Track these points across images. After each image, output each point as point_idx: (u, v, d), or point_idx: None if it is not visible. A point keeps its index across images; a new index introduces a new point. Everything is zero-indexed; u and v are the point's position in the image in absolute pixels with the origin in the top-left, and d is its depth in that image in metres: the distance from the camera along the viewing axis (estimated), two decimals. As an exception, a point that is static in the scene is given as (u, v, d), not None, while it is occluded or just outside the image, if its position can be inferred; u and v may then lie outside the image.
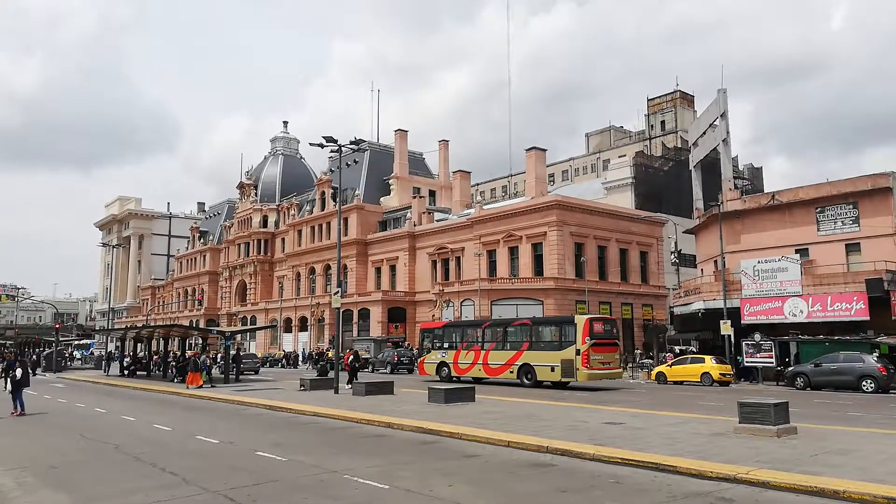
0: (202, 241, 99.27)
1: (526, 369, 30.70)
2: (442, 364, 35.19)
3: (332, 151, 29.42)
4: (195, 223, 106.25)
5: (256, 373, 43.25)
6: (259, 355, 58.47)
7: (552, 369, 29.40)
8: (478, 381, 31.87)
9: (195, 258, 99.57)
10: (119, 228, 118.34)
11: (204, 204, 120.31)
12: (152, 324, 74.61)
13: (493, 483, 10.18)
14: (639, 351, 50.49)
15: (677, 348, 41.90)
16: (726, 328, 35.04)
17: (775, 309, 35.44)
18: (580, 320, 29.69)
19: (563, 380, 29.32)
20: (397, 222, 68.83)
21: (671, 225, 52.48)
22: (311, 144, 29.48)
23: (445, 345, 35.99)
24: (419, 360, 38.82)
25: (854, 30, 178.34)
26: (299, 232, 78.08)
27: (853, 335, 32.15)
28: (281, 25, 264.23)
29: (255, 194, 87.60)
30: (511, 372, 31.29)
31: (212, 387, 29.76)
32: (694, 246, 51.80)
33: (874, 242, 35.30)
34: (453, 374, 34.26)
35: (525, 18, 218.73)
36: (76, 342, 76.10)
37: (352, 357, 32.07)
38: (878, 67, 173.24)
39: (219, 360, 38.50)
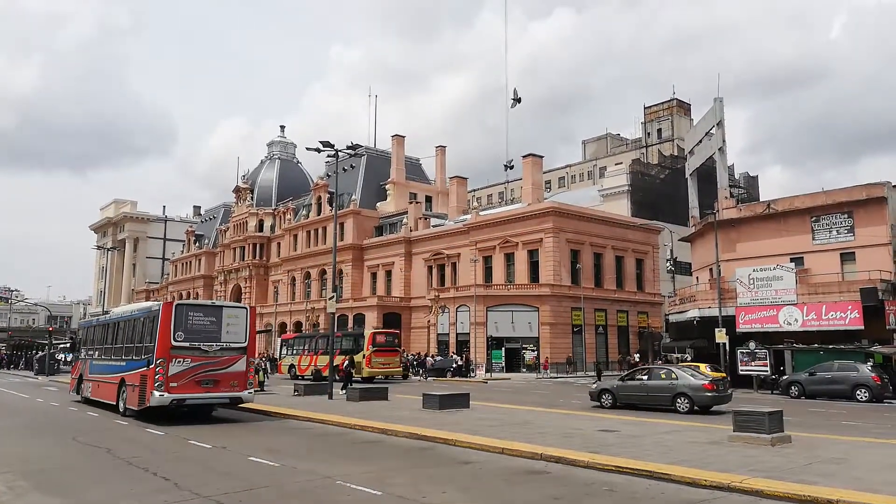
0: (197, 244, 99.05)
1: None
2: (291, 366, 43.96)
3: (328, 156, 29.38)
4: (191, 227, 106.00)
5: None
6: (254, 360, 58.29)
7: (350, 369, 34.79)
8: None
9: (190, 262, 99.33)
10: (114, 231, 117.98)
11: (200, 207, 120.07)
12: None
13: (486, 490, 10.15)
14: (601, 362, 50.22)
15: (674, 356, 41.90)
16: (721, 336, 35.05)
17: (770, 317, 35.50)
18: (367, 333, 40.12)
19: (354, 375, 33.15)
20: (393, 227, 68.82)
21: (667, 233, 52.59)
22: (307, 149, 29.44)
23: (294, 351, 44.97)
24: (278, 362, 47.93)
25: (852, 40, 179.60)
26: (295, 236, 77.99)
27: (847, 344, 32.21)
28: (279, 30, 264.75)
29: (252, 198, 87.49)
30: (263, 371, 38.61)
31: (261, 391, 29.43)
32: (689, 254, 51.92)
33: (869, 252, 35.40)
34: (297, 373, 42.89)
35: (523, 24, 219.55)
36: (61, 345, 75.61)
37: (347, 363, 32.04)
38: (875, 77, 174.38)
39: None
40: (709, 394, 21.81)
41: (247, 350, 19.44)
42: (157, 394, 17.66)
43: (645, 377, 23.75)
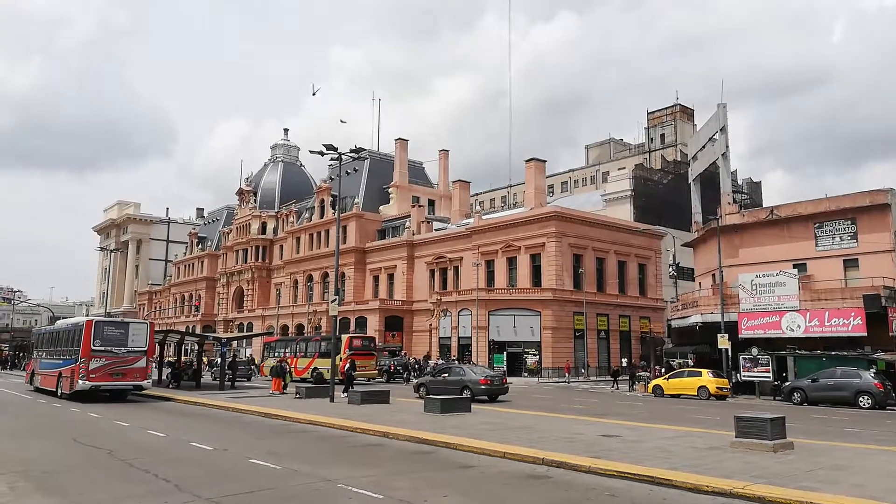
0: (200, 246, 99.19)
1: (316, 371, 40.47)
2: (272, 367, 43.57)
3: (331, 159, 29.44)
4: (193, 229, 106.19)
5: (249, 380, 43.20)
6: (257, 362, 58.41)
7: (327, 371, 36.29)
8: (293, 380, 39.71)
9: (193, 264, 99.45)
10: (117, 233, 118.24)
11: (203, 210, 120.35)
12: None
13: (487, 494, 10.14)
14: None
15: (675, 362, 41.79)
16: (724, 342, 34.98)
17: (773, 323, 35.41)
18: (343, 337, 40.86)
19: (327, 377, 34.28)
20: (396, 231, 68.84)
21: (670, 238, 52.52)
22: (311, 152, 29.47)
23: (275, 354, 46.04)
24: (261, 364, 49.57)
25: (854, 44, 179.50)
26: (297, 239, 78.05)
27: (850, 351, 32.11)
28: (281, 32, 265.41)
29: (255, 201, 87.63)
30: (309, 373, 41.06)
31: (284, 392, 29.93)
32: (692, 259, 51.85)
33: (872, 258, 35.31)
34: None
35: (525, 27, 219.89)
36: None
37: (348, 365, 32.06)
38: (878, 82, 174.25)
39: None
40: (482, 387, 27.93)
41: (146, 353, 26.67)
42: (80, 382, 24.95)
43: (447, 374, 30.22)
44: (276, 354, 46.83)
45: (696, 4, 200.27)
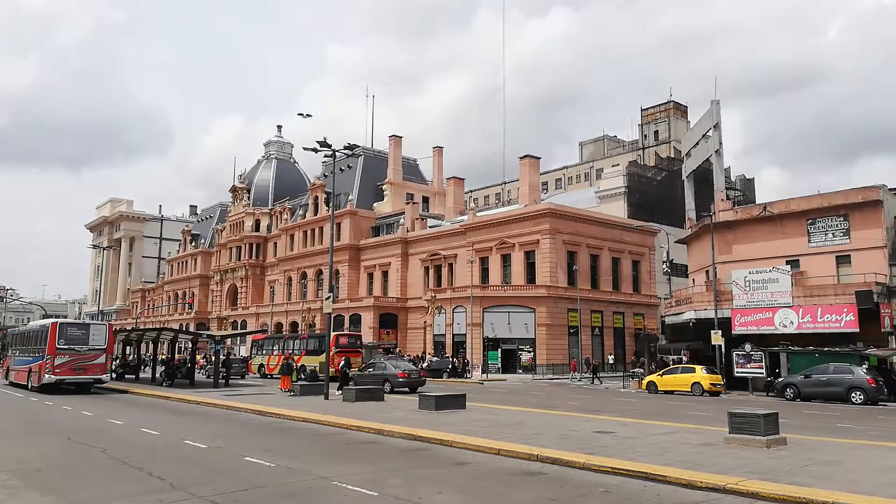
0: (193, 244, 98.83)
1: (303, 368, 39.82)
2: (261, 365, 46.81)
3: (325, 156, 29.35)
4: (187, 226, 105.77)
5: (243, 377, 43.12)
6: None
7: (315, 368, 37.79)
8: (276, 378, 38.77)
9: (186, 261, 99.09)
10: (110, 230, 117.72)
11: (196, 207, 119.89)
12: (142, 327, 74.07)
13: (482, 491, 10.15)
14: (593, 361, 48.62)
15: (669, 359, 41.91)
16: (717, 338, 35.10)
17: (766, 320, 35.56)
18: (332, 336, 38.96)
19: (321, 375, 34.57)
20: (390, 228, 68.77)
21: (663, 234, 52.63)
22: (304, 149, 29.39)
23: (264, 351, 47.65)
24: (249, 362, 49.69)
25: (849, 43, 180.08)
26: (291, 236, 77.87)
27: (843, 347, 32.28)
28: (277, 29, 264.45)
29: (248, 198, 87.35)
30: (296, 371, 39.40)
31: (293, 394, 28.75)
32: (686, 256, 51.97)
33: (864, 255, 35.46)
34: (266, 373, 44.87)
35: (520, 23, 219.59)
36: None
37: (342, 363, 32.06)
38: (872, 80, 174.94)
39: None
40: (400, 380, 30.38)
41: (106, 351, 29.90)
42: (47, 376, 28.09)
43: (372, 369, 32.46)
44: (264, 352, 47.15)
45: (693, 2, 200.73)
